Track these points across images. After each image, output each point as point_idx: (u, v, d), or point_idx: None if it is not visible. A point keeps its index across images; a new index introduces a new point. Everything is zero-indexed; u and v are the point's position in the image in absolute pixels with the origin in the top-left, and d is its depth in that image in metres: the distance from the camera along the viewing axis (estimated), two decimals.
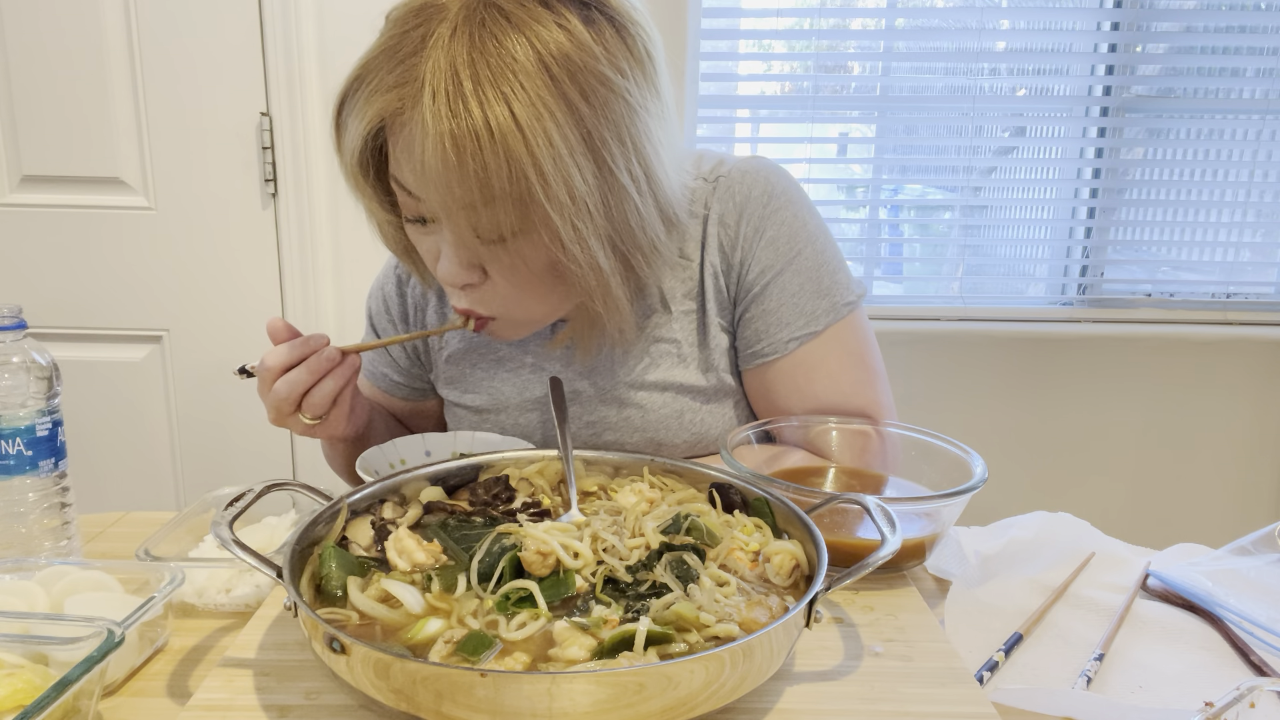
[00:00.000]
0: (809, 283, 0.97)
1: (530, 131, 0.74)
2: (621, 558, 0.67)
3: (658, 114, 0.85)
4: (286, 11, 1.75)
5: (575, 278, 0.84)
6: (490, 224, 0.79)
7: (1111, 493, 2.06)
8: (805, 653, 0.66)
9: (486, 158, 0.74)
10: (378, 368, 1.13)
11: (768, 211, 0.96)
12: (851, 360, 0.98)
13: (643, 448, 1.01)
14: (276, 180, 1.83)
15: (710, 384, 1.00)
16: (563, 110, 0.76)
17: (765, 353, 0.98)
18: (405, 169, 0.81)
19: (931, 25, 2.03)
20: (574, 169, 0.77)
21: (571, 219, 0.78)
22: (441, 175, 0.76)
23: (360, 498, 0.74)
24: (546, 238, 0.80)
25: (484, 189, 0.76)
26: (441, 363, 1.08)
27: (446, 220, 0.81)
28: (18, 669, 0.59)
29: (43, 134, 1.83)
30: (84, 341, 1.93)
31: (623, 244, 0.85)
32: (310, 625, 0.57)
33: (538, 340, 1.03)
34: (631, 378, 1.00)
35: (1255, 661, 0.71)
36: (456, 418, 1.09)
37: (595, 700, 0.51)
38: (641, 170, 0.83)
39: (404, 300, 1.10)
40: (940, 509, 0.78)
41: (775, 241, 0.96)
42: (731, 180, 0.97)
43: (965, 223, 2.08)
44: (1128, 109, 1.99)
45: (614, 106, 0.79)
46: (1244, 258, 2.07)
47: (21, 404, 0.78)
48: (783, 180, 0.98)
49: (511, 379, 1.04)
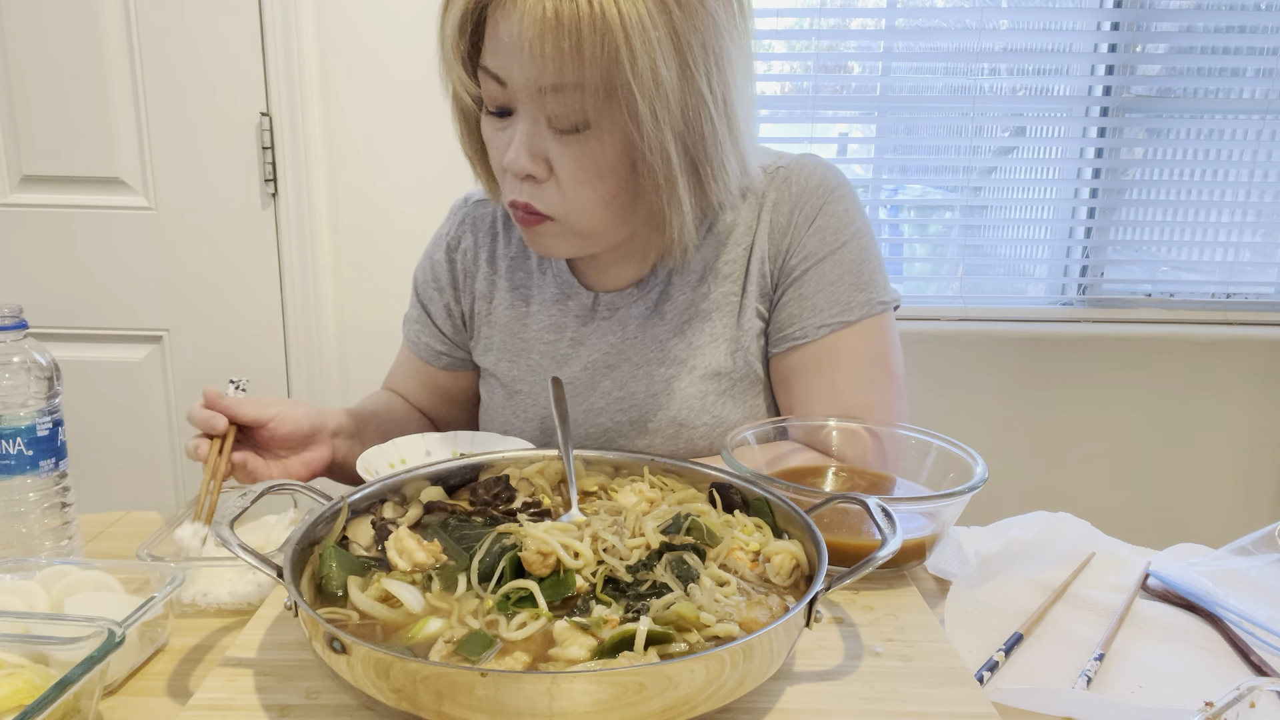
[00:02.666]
0: (849, 274, 0.99)
1: (627, 16, 0.79)
2: (622, 558, 0.67)
3: (741, 53, 0.90)
4: (286, 11, 1.75)
5: (645, 170, 0.87)
6: (571, 110, 0.84)
7: (1111, 493, 2.06)
8: (805, 653, 0.66)
9: (584, 36, 0.79)
10: (421, 338, 1.16)
11: (821, 203, 1.00)
12: (876, 359, 1.00)
13: (665, 428, 1.02)
14: (276, 180, 1.83)
15: (737, 366, 1.01)
16: (657, 5, 0.81)
17: (795, 336, 0.99)
18: (499, 49, 0.84)
19: (931, 25, 2.03)
20: (660, 57, 0.81)
21: (652, 102, 0.82)
22: (537, 49, 0.80)
23: (360, 498, 0.74)
24: (625, 117, 0.83)
25: (576, 68, 0.81)
26: (484, 329, 1.11)
27: (527, 103, 0.85)
28: (18, 669, 0.59)
29: (43, 134, 1.83)
30: (84, 341, 1.93)
31: (693, 148, 0.88)
32: (311, 625, 0.57)
33: (580, 309, 1.05)
34: (664, 352, 1.02)
35: (1255, 661, 0.71)
36: (490, 388, 1.12)
37: (595, 700, 0.51)
38: (721, 90, 0.87)
39: (453, 266, 1.13)
40: (940, 509, 0.78)
41: (823, 230, 0.99)
42: (790, 171, 1.02)
43: (965, 223, 2.08)
44: (1128, 109, 1.99)
45: (703, 19, 0.84)
46: (1244, 258, 2.07)
47: (22, 404, 0.78)
48: (837, 177, 1.03)
49: (550, 351, 1.06)
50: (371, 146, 1.85)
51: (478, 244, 1.12)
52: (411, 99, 1.82)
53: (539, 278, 1.08)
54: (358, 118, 1.83)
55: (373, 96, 1.82)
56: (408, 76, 1.81)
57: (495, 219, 1.12)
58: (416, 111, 1.83)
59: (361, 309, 1.92)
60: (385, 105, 1.82)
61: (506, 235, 1.11)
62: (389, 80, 1.81)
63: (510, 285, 1.10)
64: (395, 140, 1.84)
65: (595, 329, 1.05)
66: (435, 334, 1.15)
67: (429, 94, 1.80)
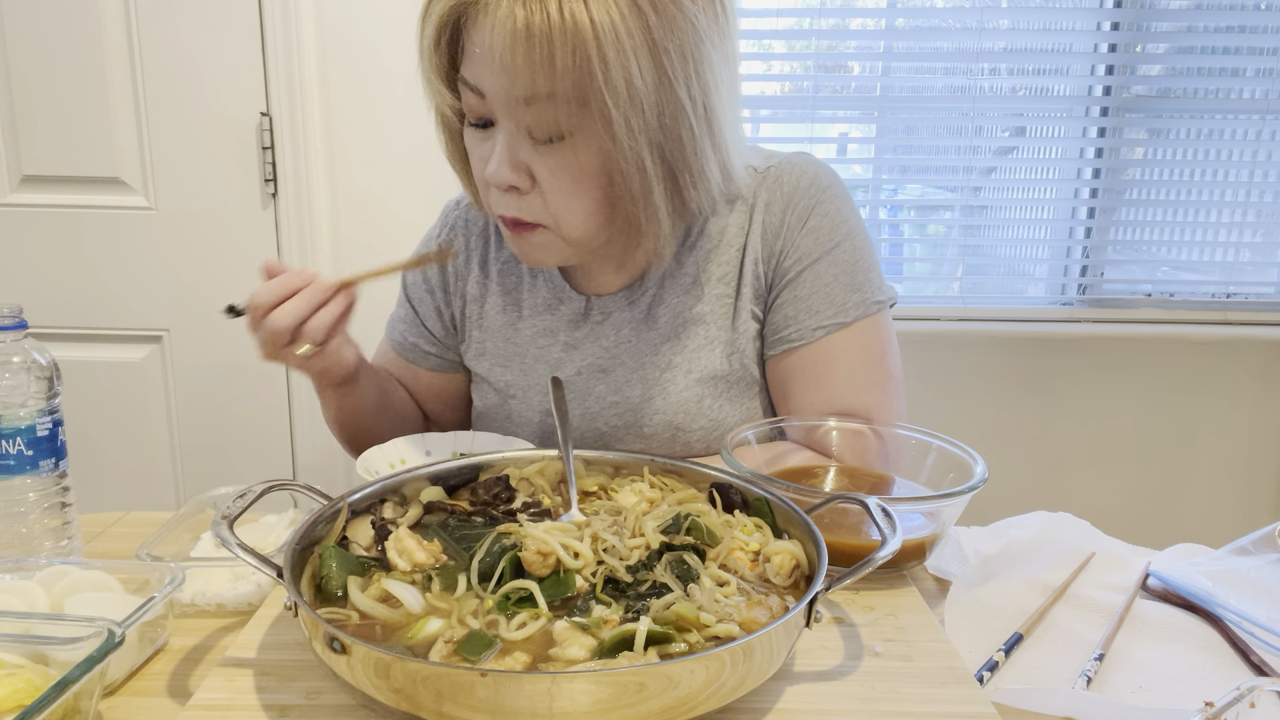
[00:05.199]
0: (843, 274, 0.99)
1: (600, 24, 0.79)
2: (622, 558, 0.67)
3: (723, 56, 0.88)
4: (286, 11, 1.75)
5: (620, 180, 0.87)
6: (547, 120, 0.84)
7: (1111, 493, 2.06)
8: (805, 653, 0.66)
9: (555, 46, 0.79)
10: (408, 339, 1.15)
11: (813, 202, 0.99)
12: (872, 359, 1.00)
13: (661, 432, 1.02)
14: (276, 180, 1.83)
15: (733, 369, 1.01)
16: (632, 12, 0.80)
17: (791, 338, 0.99)
18: (474, 60, 0.85)
19: (931, 25, 2.03)
20: (634, 65, 0.81)
21: (626, 111, 0.82)
22: (508, 60, 0.80)
23: (360, 498, 0.74)
24: (600, 126, 0.83)
25: (548, 78, 0.80)
26: (476, 333, 1.10)
27: (504, 115, 0.85)
28: (18, 669, 0.59)
29: (43, 134, 1.82)
30: (84, 341, 1.92)
31: (670, 156, 0.87)
32: (311, 625, 0.57)
33: (572, 314, 1.05)
34: (659, 357, 1.02)
35: (1255, 661, 0.71)
36: (482, 393, 1.11)
37: (595, 700, 0.51)
38: (701, 96, 0.86)
39: (443, 269, 1.12)
40: (940, 509, 0.78)
41: (816, 230, 0.99)
42: (781, 171, 1.01)
43: (965, 223, 2.08)
44: (1128, 109, 1.99)
45: (680, 24, 0.83)
46: (1244, 258, 2.07)
47: (22, 404, 0.78)
48: (829, 176, 1.02)
49: (543, 355, 1.06)
50: (371, 146, 1.85)
51: (469, 246, 1.11)
52: (411, 99, 1.81)
53: (530, 282, 1.08)
54: (358, 118, 1.83)
55: (373, 96, 1.82)
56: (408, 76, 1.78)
57: (488, 222, 1.12)
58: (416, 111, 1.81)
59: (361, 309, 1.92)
60: (385, 105, 1.82)
61: (498, 239, 1.11)
62: (389, 80, 1.81)
63: (502, 289, 1.09)
64: (395, 140, 1.84)
65: (589, 333, 1.04)
66: (424, 335, 1.14)
67: None
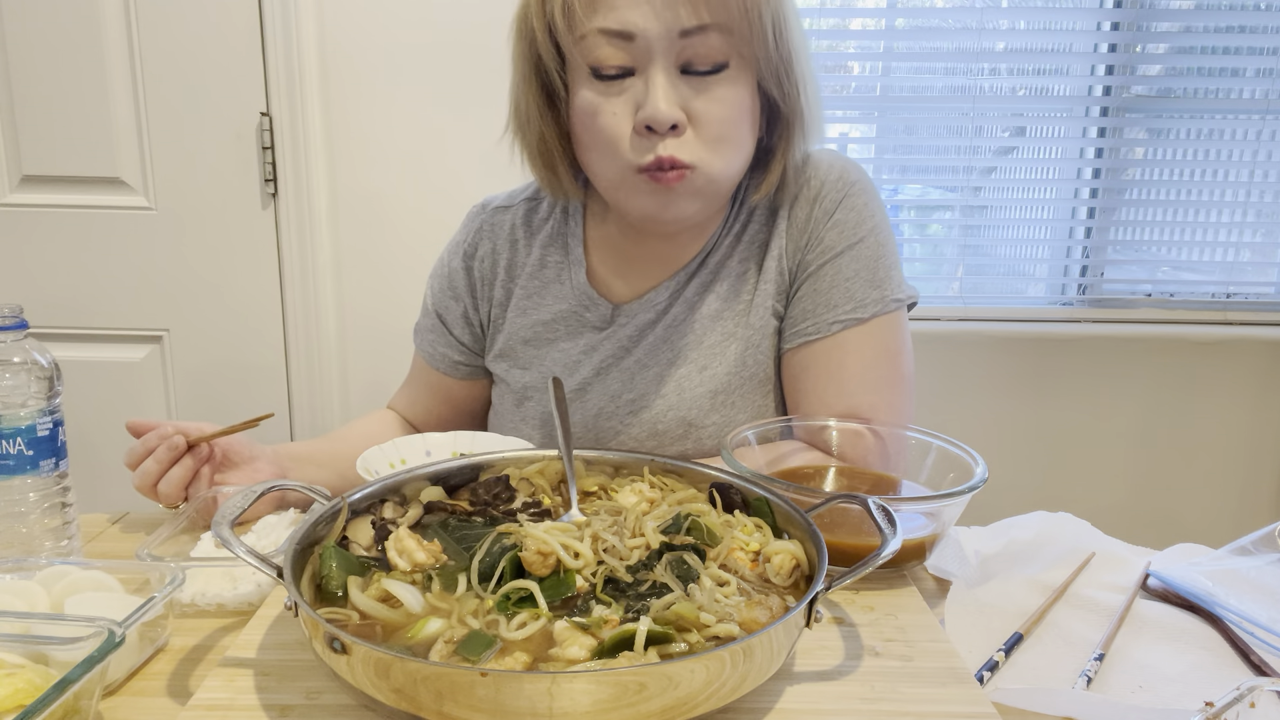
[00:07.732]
0: (865, 270, 0.99)
1: None
2: (622, 558, 0.67)
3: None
4: (286, 11, 1.75)
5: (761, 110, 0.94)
6: (710, 48, 0.88)
7: (1111, 493, 2.06)
8: (805, 653, 0.66)
9: None
10: (437, 349, 1.16)
11: (841, 197, 1.00)
12: (886, 357, 1.00)
13: (674, 428, 1.02)
14: (276, 180, 1.83)
15: (748, 366, 1.02)
16: None
17: (807, 332, 1.00)
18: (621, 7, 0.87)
19: (931, 25, 2.03)
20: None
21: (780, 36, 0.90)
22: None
23: (360, 498, 0.74)
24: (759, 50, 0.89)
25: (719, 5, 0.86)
26: (500, 336, 1.11)
27: (662, 53, 0.88)
28: (18, 669, 0.59)
29: (43, 134, 1.82)
30: (84, 341, 1.93)
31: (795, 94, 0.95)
32: (311, 625, 0.57)
33: (598, 319, 1.05)
34: (675, 353, 1.02)
35: (1255, 661, 0.71)
36: (499, 393, 1.12)
37: (595, 700, 0.51)
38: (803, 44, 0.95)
39: (470, 274, 1.13)
40: (940, 509, 0.78)
41: (841, 225, 1.00)
42: (809, 166, 1.02)
43: (965, 223, 2.08)
44: (1128, 109, 1.99)
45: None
46: (1244, 258, 2.07)
47: (22, 404, 0.78)
48: (857, 171, 1.03)
49: (562, 359, 1.06)
50: (371, 146, 1.85)
51: (496, 251, 1.11)
52: (412, 99, 1.82)
53: (557, 288, 1.08)
54: (358, 117, 1.83)
55: (373, 96, 1.82)
56: (408, 76, 1.80)
57: (514, 226, 1.11)
58: (417, 111, 1.83)
59: (361, 309, 1.92)
60: (385, 105, 1.82)
61: (526, 244, 1.10)
62: (389, 80, 1.81)
63: (527, 293, 1.09)
64: (395, 140, 1.84)
65: (610, 335, 1.05)
66: (453, 344, 1.14)
67: (429, 93, 1.81)
